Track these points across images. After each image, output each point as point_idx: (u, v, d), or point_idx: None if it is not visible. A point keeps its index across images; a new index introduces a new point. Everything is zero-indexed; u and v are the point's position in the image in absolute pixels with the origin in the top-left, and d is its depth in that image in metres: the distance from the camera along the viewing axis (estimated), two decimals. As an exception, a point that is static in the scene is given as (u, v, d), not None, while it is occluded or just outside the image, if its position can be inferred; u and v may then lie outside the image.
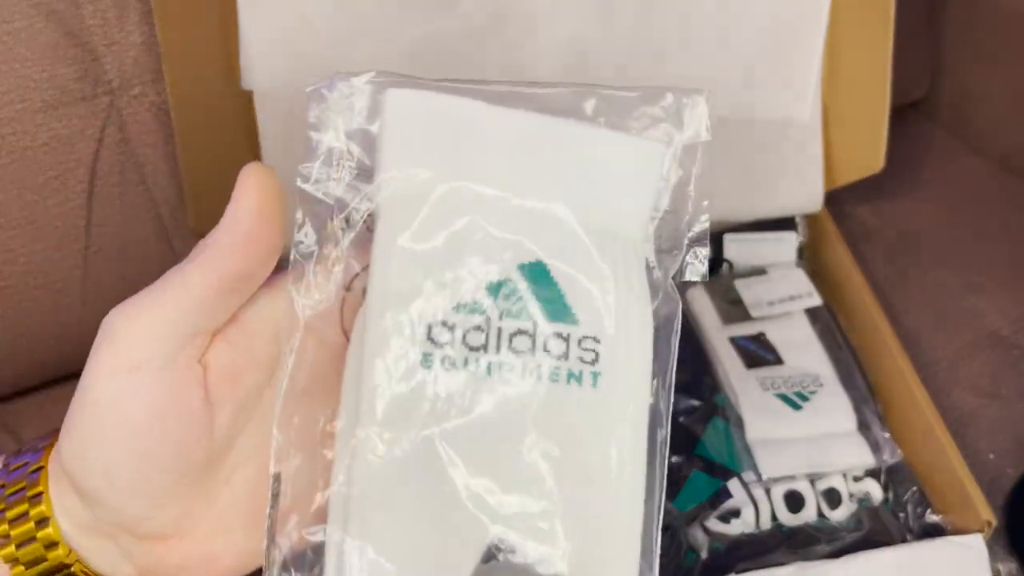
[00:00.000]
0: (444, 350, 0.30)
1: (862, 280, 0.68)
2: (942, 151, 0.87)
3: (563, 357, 0.30)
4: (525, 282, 0.30)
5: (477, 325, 0.30)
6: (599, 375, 0.30)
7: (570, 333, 0.30)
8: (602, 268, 0.30)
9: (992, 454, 0.63)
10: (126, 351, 0.29)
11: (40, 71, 0.60)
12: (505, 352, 0.30)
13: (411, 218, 0.30)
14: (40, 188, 0.63)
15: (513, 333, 0.30)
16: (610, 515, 0.30)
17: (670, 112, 0.32)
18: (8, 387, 0.69)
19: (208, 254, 0.29)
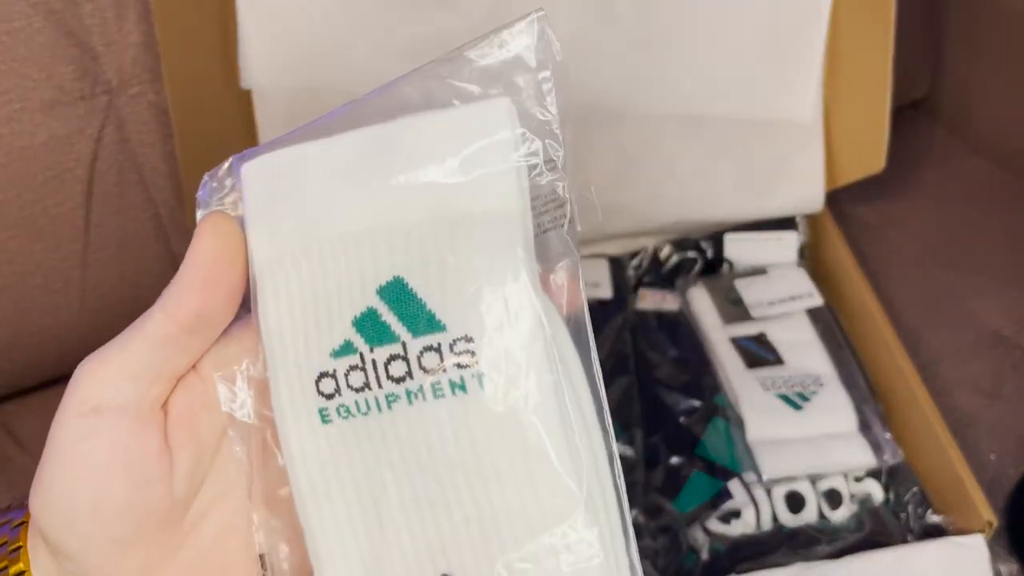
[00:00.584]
0: (335, 400, 0.29)
1: (863, 280, 0.68)
2: (943, 151, 0.87)
3: (439, 369, 0.28)
4: (386, 304, 0.29)
5: (353, 365, 0.29)
6: (483, 376, 0.28)
7: (440, 341, 0.28)
8: (467, 260, 0.28)
9: (993, 454, 0.63)
10: (88, 393, 0.29)
11: (39, 70, 0.60)
12: (387, 383, 0.29)
13: (280, 282, 0.30)
14: (39, 188, 0.62)
15: (387, 361, 0.29)
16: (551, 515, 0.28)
17: (507, 55, 0.29)
18: (6, 387, 0.69)
19: (167, 297, 0.29)
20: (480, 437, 0.28)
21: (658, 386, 0.63)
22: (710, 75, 0.67)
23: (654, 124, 0.68)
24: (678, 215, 0.71)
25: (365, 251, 0.29)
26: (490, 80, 0.29)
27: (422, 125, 0.29)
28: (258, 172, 0.30)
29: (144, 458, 0.29)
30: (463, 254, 0.28)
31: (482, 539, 0.29)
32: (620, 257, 0.72)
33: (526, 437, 0.28)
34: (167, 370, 0.30)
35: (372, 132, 0.29)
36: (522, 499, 0.28)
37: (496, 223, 0.29)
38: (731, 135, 0.69)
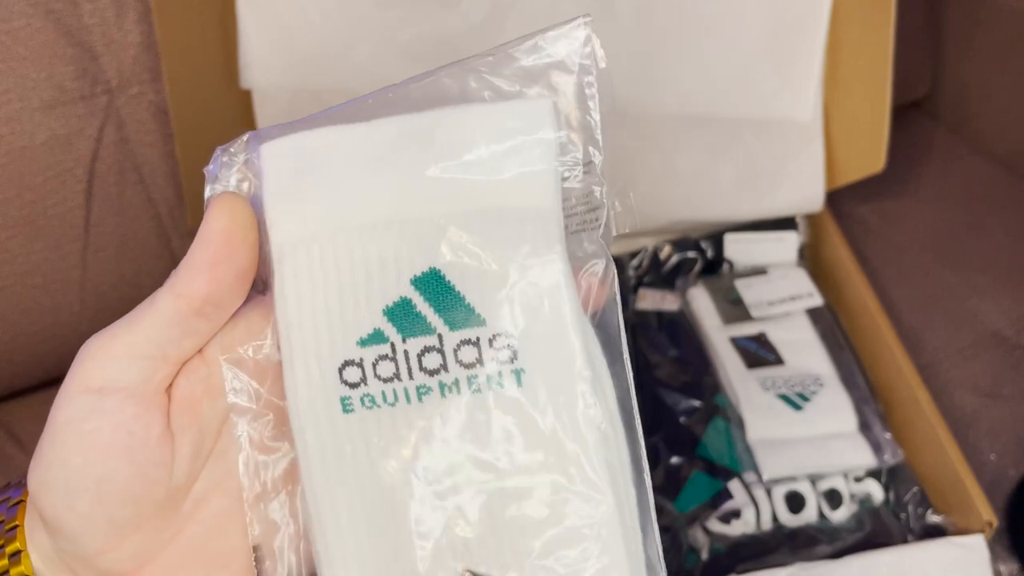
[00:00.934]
0: (360, 389, 0.28)
1: (863, 280, 0.68)
2: (944, 150, 0.87)
3: (478, 363, 0.28)
4: (421, 295, 0.28)
5: (382, 354, 0.28)
6: (522, 371, 0.28)
7: (479, 336, 0.28)
8: (504, 256, 0.28)
9: (993, 454, 0.63)
10: (94, 372, 0.29)
11: (38, 70, 0.60)
12: (419, 374, 0.28)
13: (302, 266, 0.29)
14: (39, 188, 0.62)
15: (420, 353, 0.28)
16: (583, 514, 0.28)
17: (550, 57, 0.29)
18: (6, 387, 0.69)
19: (176, 277, 0.29)
20: (515, 434, 0.28)
21: (658, 386, 0.63)
22: (710, 75, 0.67)
23: (654, 124, 0.68)
24: (678, 215, 0.71)
25: (399, 239, 0.28)
26: (531, 80, 0.29)
27: (462, 117, 0.29)
28: (281, 152, 0.29)
29: (147, 442, 0.29)
30: (501, 250, 0.28)
31: (509, 538, 0.28)
32: (620, 257, 0.72)
33: (561, 439, 0.28)
34: (174, 352, 0.30)
35: (410, 120, 0.29)
36: (553, 501, 0.28)
37: (534, 222, 0.28)
38: (731, 135, 0.69)
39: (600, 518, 0.28)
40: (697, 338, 0.66)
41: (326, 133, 0.29)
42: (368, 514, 0.29)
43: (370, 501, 0.29)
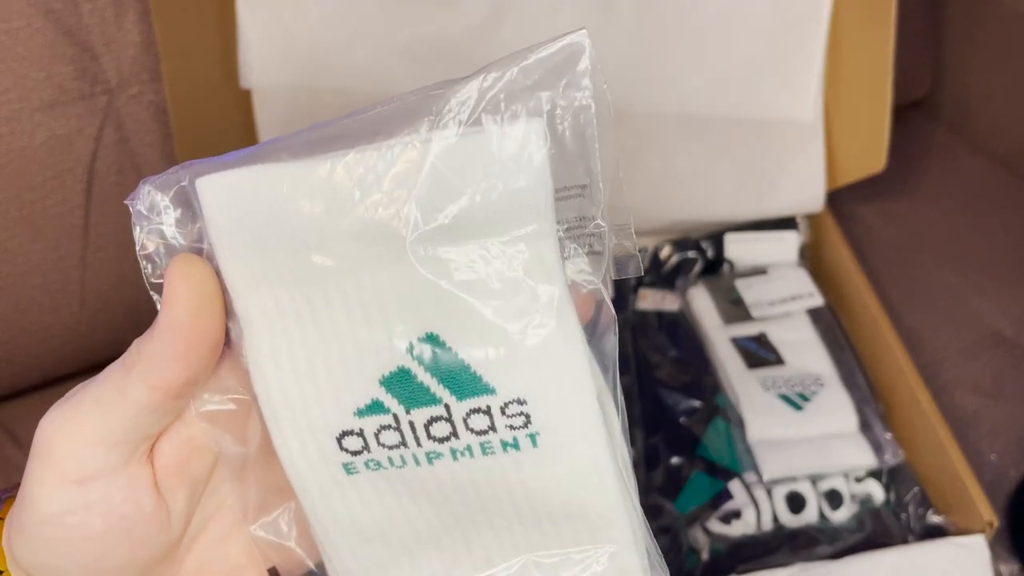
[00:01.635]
0: (363, 456, 0.27)
1: (864, 280, 0.68)
2: (944, 151, 0.87)
3: (490, 430, 0.26)
4: (420, 364, 0.26)
5: (385, 424, 0.26)
6: (536, 434, 0.26)
7: (489, 405, 0.26)
8: (504, 312, 0.25)
9: (994, 455, 0.63)
10: (69, 464, 0.27)
11: (38, 70, 0.60)
12: (428, 442, 0.26)
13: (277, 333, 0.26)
14: (38, 188, 0.62)
15: (427, 423, 0.26)
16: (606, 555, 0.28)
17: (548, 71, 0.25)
18: (6, 387, 0.69)
19: (149, 365, 0.26)
20: (535, 487, 0.27)
21: (658, 386, 0.63)
22: (710, 75, 0.67)
23: (654, 124, 0.68)
24: (678, 215, 0.71)
25: (388, 300, 0.26)
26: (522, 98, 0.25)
27: (444, 148, 0.25)
28: (225, 191, 0.25)
29: (140, 519, 0.28)
30: (502, 306, 0.26)
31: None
32: (620, 257, 0.72)
33: (581, 493, 0.27)
34: (152, 431, 0.28)
35: (381, 153, 0.25)
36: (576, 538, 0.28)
37: (533, 267, 0.26)
38: (731, 135, 0.69)
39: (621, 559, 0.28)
40: (697, 338, 0.66)
41: (279, 170, 0.25)
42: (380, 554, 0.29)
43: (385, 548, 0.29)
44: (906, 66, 0.69)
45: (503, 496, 0.27)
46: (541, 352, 0.26)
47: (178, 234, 0.27)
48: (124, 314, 0.68)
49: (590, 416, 0.27)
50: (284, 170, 0.25)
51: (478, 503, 0.28)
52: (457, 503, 0.28)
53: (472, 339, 0.26)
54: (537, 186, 0.25)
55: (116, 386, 0.27)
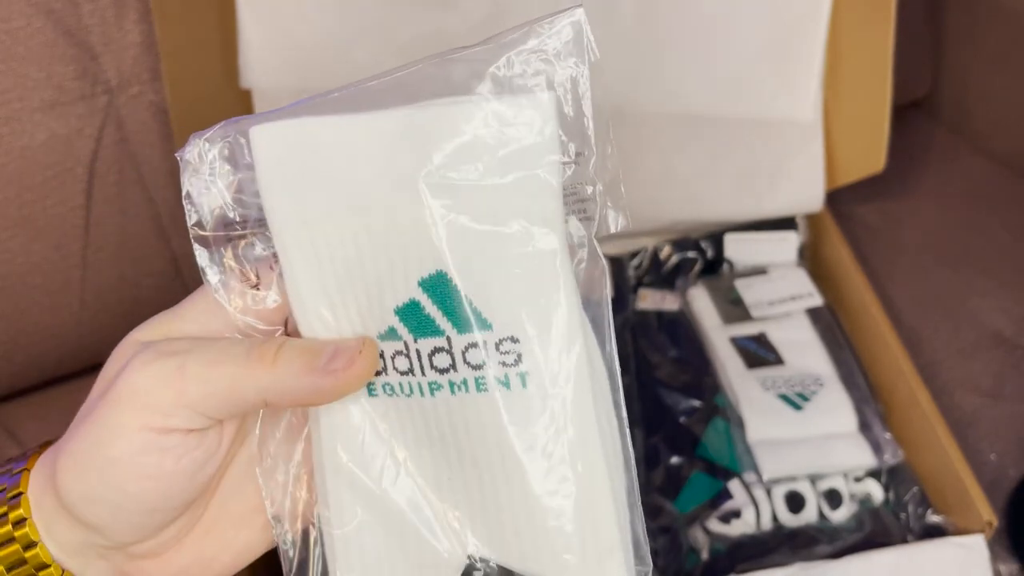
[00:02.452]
0: (382, 378, 0.30)
1: (863, 280, 0.68)
2: (944, 150, 0.87)
3: (485, 365, 0.29)
4: (429, 297, 0.29)
5: (398, 350, 0.29)
6: (526, 375, 0.29)
7: (485, 339, 0.28)
8: (508, 258, 0.28)
9: (994, 454, 0.63)
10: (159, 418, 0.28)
11: (38, 70, 0.60)
12: (431, 372, 0.29)
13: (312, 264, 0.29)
14: (39, 187, 0.62)
15: (431, 352, 0.29)
16: (580, 512, 0.29)
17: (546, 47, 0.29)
18: (6, 387, 0.69)
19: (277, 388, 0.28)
20: (522, 429, 0.29)
21: (658, 386, 0.63)
22: (710, 75, 0.67)
23: (654, 124, 0.68)
24: (678, 215, 0.71)
25: (406, 240, 0.28)
26: (523, 71, 0.29)
27: (463, 112, 0.28)
28: (272, 139, 0.29)
29: (208, 461, 0.29)
30: (506, 252, 0.28)
31: (512, 524, 0.30)
32: (620, 257, 0.72)
33: (561, 438, 0.29)
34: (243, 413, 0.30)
35: (409, 115, 0.28)
36: (560, 487, 0.29)
37: (538, 223, 0.28)
38: (731, 135, 0.69)
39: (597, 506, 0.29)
40: (697, 338, 0.66)
41: (321, 123, 0.29)
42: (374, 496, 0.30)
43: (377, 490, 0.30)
44: (906, 66, 0.69)
45: (491, 436, 0.29)
46: (537, 296, 0.28)
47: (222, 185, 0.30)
48: (124, 314, 0.68)
49: (579, 366, 0.29)
50: (327, 123, 0.29)
51: (469, 441, 0.29)
52: (451, 445, 0.30)
53: (475, 278, 0.28)
54: (546, 151, 0.28)
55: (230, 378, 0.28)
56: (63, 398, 0.68)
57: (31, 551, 0.30)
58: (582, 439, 0.29)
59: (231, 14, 0.61)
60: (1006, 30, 0.80)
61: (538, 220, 0.28)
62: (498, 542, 0.30)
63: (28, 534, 0.30)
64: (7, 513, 0.30)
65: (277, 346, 0.28)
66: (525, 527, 0.29)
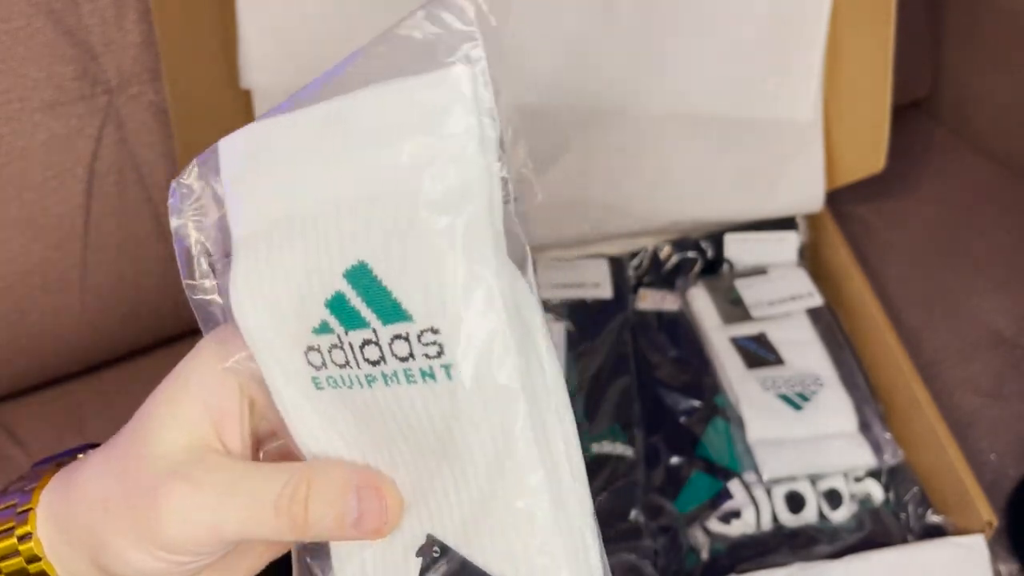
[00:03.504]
0: (324, 371, 0.30)
1: (863, 280, 0.68)
2: (944, 151, 0.86)
3: (410, 357, 0.28)
4: (352, 289, 0.28)
5: (333, 344, 0.29)
6: (450, 365, 0.28)
7: (408, 331, 0.28)
8: (427, 246, 0.27)
9: (994, 454, 0.63)
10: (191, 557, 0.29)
11: (38, 70, 0.60)
12: (365, 365, 0.29)
13: (251, 260, 0.29)
14: (38, 187, 0.62)
15: (360, 345, 0.28)
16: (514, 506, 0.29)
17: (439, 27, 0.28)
18: (6, 387, 0.69)
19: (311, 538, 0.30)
20: (452, 422, 0.29)
21: (658, 386, 0.63)
22: (710, 75, 0.67)
23: (654, 124, 0.68)
24: (678, 215, 0.71)
25: (331, 231, 0.28)
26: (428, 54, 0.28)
27: (382, 97, 0.28)
28: (233, 148, 0.30)
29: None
30: (425, 239, 0.27)
31: (459, 511, 0.30)
32: (620, 257, 0.72)
33: (493, 426, 0.28)
34: None
35: (333, 105, 0.29)
36: (491, 482, 0.29)
37: (458, 202, 0.27)
38: (731, 135, 0.69)
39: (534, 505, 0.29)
40: (697, 338, 0.66)
41: (264, 124, 0.29)
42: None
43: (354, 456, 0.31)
44: (906, 66, 0.69)
45: (428, 428, 0.29)
46: (455, 285, 0.27)
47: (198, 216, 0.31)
48: (124, 314, 0.68)
49: (504, 357, 0.28)
50: (272, 123, 0.29)
51: (411, 433, 0.29)
52: (396, 432, 0.30)
53: (395, 267, 0.28)
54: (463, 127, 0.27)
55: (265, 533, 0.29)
56: (63, 398, 0.68)
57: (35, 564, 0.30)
58: (509, 436, 0.28)
59: (231, 14, 0.61)
60: (1006, 30, 0.80)
61: (458, 201, 0.27)
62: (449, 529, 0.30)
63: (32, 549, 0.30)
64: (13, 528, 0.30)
65: (303, 503, 0.29)
66: (468, 521, 0.29)
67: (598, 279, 0.70)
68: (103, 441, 0.32)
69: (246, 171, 0.30)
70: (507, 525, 0.29)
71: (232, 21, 0.61)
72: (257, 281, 0.29)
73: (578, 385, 0.63)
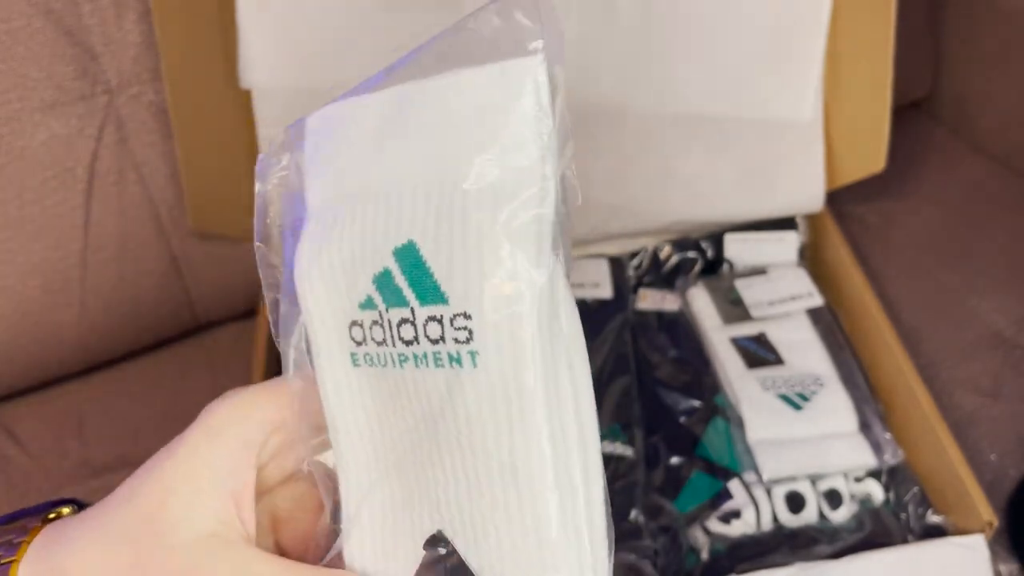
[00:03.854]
0: (363, 347, 0.30)
1: (863, 280, 0.68)
2: (944, 151, 0.87)
3: (440, 340, 0.28)
4: (398, 267, 0.29)
5: (375, 320, 0.30)
6: (476, 353, 0.28)
7: (442, 314, 0.28)
8: (475, 233, 0.27)
9: (993, 454, 0.63)
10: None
11: (38, 70, 0.60)
12: (399, 344, 0.29)
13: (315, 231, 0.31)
14: (38, 188, 0.62)
15: (398, 323, 0.29)
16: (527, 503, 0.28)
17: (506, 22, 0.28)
18: (6, 387, 0.69)
19: None
20: (472, 412, 0.28)
21: (658, 386, 0.63)
22: (710, 75, 0.67)
23: (654, 124, 0.68)
24: (678, 215, 0.71)
25: (390, 209, 0.29)
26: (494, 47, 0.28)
27: (448, 85, 0.29)
28: (316, 124, 0.32)
29: None
30: (474, 225, 0.27)
31: (469, 507, 0.29)
32: (620, 257, 0.72)
33: (512, 421, 0.28)
34: None
35: (404, 90, 0.29)
36: (503, 479, 0.29)
37: (509, 194, 0.27)
38: (731, 135, 0.69)
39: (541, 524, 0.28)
40: (697, 338, 0.66)
41: (341, 105, 0.31)
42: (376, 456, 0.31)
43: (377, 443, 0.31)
44: (906, 66, 0.69)
45: (450, 416, 0.29)
46: (493, 275, 0.27)
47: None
48: (124, 314, 0.68)
49: (531, 358, 0.28)
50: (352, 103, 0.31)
51: (432, 421, 0.29)
52: (420, 418, 0.30)
53: (441, 248, 0.28)
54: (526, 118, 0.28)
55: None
56: (63, 398, 0.68)
57: None
58: (526, 434, 0.28)
59: (231, 14, 0.61)
60: (1006, 30, 0.80)
61: (508, 193, 0.27)
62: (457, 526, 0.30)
63: None
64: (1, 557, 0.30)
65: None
66: (476, 515, 0.29)
67: (598, 279, 0.70)
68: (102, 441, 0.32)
69: (325, 147, 0.31)
70: (515, 535, 0.28)
71: (232, 21, 0.61)
72: (319, 252, 0.30)
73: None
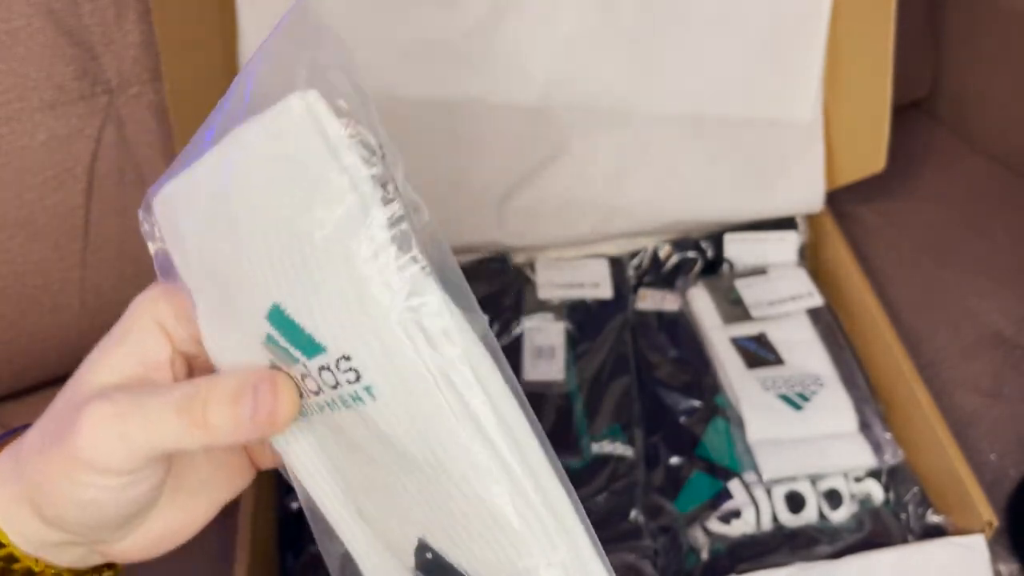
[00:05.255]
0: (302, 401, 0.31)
1: (863, 280, 0.68)
2: (944, 151, 0.87)
3: (337, 384, 0.28)
4: (276, 330, 0.29)
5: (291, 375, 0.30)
6: (370, 387, 0.28)
7: (327, 362, 0.28)
8: (322, 278, 0.27)
9: (994, 454, 0.63)
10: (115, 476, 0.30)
11: (38, 70, 0.60)
12: (309, 395, 0.30)
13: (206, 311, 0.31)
14: (38, 188, 0.62)
15: (300, 378, 0.29)
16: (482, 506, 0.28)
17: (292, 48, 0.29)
18: (6, 387, 0.69)
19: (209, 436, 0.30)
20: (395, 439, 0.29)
21: (658, 386, 0.63)
22: (710, 75, 0.67)
23: (655, 124, 0.68)
24: (678, 215, 0.71)
25: (244, 280, 0.29)
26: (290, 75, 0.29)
27: (241, 140, 0.29)
28: (164, 205, 0.32)
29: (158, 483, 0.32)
30: (316, 272, 0.27)
31: (443, 521, 0.30)
32: (620, 257, 0.72)
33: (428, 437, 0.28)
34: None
35: (213, 154, 0.29)
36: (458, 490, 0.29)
37: (338, 229, 0.27)
38: (731, 135, 0.69)
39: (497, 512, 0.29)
40: (697, 338, 0.66)
41: (179, 180, 0.31)
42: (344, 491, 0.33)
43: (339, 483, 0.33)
44: (906, 66, 0.69)
45: (381, 448, 0.29)
46: (350, 310, 0.27)
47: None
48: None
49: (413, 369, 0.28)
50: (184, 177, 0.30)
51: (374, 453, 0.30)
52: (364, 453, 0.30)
53: (302, 304, 0.28)
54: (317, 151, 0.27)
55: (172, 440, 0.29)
56: (63, 398, 0.68)
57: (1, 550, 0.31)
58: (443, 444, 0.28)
59: (231, 14, 0.61)
60: (1006, 30, 0.80)
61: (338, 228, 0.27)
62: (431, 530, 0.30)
63: None
64: None
65: (203, 403, 0.29)
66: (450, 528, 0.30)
67: (598, 279, 0.70)
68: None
69: (173, 227, 0.31)
70: (487, 537, 0.29)
71: (232, 21, 0.61)
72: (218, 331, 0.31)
73: (578, 385, 0.63)
